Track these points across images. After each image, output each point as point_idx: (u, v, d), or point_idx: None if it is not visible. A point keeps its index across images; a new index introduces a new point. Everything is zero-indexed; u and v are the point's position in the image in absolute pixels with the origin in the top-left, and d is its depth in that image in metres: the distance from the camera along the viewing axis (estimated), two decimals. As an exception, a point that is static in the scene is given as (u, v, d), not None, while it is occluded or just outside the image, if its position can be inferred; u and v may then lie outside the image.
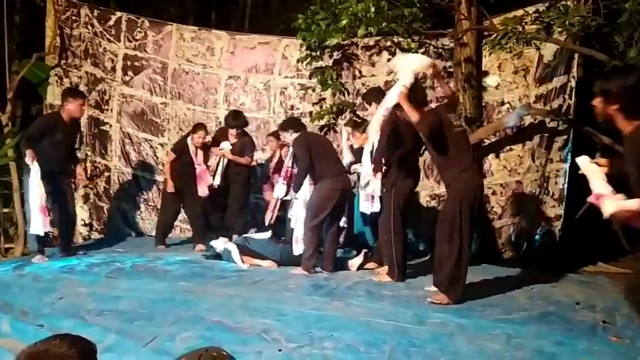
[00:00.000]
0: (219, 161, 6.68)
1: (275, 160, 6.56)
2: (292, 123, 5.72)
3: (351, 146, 6.07)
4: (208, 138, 6.71)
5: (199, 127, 6.67)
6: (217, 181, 6.65)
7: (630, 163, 2.83)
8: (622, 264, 6.22)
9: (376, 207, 5.36)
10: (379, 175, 5.11)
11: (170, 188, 6.54)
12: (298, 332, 3.49)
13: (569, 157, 6.05)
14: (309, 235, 5.34)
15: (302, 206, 5.49)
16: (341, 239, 6.14)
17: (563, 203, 6.04)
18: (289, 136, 5.54)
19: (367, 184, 5.42)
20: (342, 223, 5.79)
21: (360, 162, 5.69)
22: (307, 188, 5.50)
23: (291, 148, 5.66)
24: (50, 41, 7.03)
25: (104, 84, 7.42)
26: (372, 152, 5.26)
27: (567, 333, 3.71)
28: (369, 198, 5.45)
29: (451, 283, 4.31)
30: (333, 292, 4.59)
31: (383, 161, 5.11)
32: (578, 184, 6.07)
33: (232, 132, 6.65)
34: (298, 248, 5.46)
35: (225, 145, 6.62)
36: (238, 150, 6.62)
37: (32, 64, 6.90)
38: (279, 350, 3.18)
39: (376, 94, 5.39)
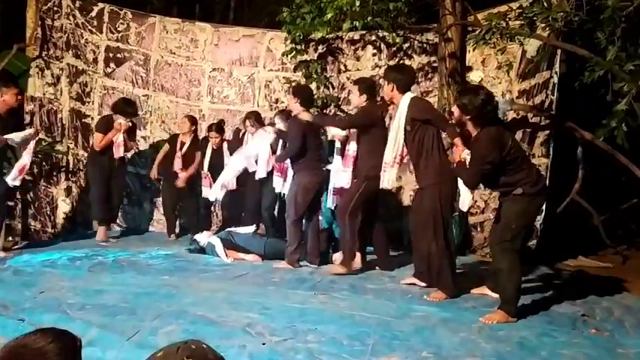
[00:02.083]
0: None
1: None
2: (305, 95, 5.49)
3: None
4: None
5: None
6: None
7: (472, 156, 3.89)
8: (602, 258, 6.32)
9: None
10: (349, 168, 5.15)
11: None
12: (282, 326, 3.50)
13: (551, 152, 6.11)
14: (292, 230, 5.35)
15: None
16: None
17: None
18: (292, 104, 5.43)
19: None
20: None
21: None
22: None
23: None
24: (31, 32, 6.91)
25: (86, 76, 7.32)
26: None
27: (548, 326, 3.76)
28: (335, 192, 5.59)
29: (444, 278, 4.35)
30: (317, 286, 4.60)
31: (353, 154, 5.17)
32: (560, 179, 6.17)
33: (122, 120, 6.37)
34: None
35: (122, 120, 6.35)
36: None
37: (13, 56, 6.78)
38: (263, 344, 3.18)
39: (368, 86, 5.32)
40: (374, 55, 7.33)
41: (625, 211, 6.61)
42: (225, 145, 6.83)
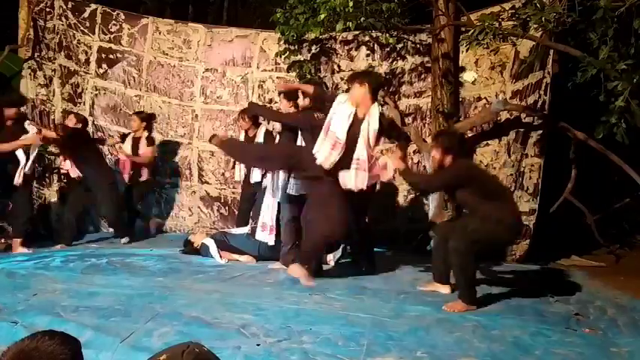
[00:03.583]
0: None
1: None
2: (318, 91, 5.24)
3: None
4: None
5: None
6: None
7: (438, 171, 4.45)
8: (595, 257, 6.35)
9: None
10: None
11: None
12: (277, 327, 3.49)
13: (544, 152, 6.13)
14: (287, 230, 5.34)
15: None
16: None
17: (538, 197, 6.11)
18: (301, 100, 5.25)
19: None
20: None
21: None
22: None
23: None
24: (23, 33, 6.90)
25: (77, 77, 7.31)
26: None
27: (541, 325, 3.77)
28: None
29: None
30: (311, 287, 4.59)
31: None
32: (553, 178, 6.19)
33: (12, 114, 5.70)
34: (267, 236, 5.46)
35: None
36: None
37: (5, 57, 6.77)
38: (258, 345, 3.18)
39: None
40: (367, 55, 7.35)
41: (618, 211, 6.64)
42: (144, 136, 6.83)
